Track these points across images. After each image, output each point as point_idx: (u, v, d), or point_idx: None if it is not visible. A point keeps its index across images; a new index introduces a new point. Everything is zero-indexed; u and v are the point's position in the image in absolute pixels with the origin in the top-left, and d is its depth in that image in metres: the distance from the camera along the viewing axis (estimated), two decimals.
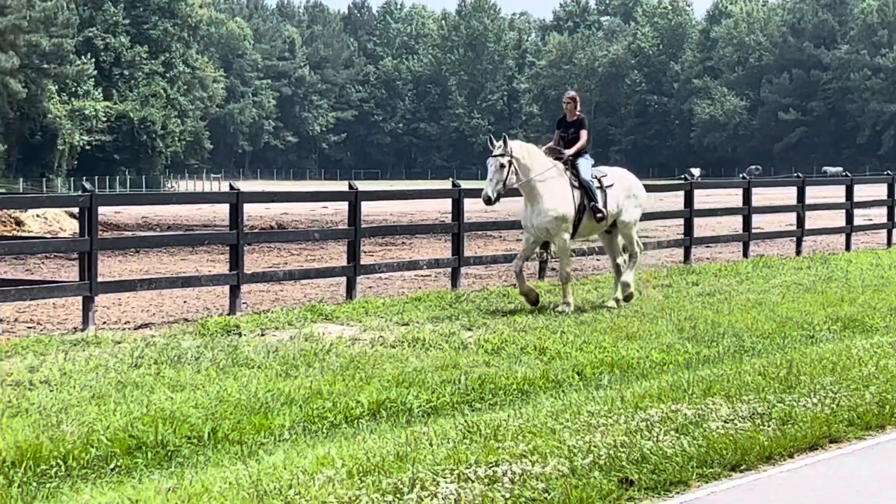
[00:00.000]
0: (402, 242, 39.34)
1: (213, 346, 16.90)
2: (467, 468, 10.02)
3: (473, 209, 29.45)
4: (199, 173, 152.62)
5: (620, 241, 22.75)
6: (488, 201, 20.76)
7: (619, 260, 22.65)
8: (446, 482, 9.63)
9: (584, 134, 22.05)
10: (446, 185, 28.95)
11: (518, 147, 21.34)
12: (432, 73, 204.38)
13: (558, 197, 21.16)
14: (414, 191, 35.31)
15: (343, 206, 27.80)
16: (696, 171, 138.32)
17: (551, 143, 22.57)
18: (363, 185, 26.32)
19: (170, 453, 11.39)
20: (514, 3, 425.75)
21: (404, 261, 29.35)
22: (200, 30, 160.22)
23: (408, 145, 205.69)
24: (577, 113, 22.43)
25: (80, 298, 20.50)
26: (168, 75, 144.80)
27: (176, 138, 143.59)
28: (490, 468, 10.04)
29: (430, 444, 10.87)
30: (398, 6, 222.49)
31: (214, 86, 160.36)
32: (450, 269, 26.42)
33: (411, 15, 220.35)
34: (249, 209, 24.85)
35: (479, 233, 37.66)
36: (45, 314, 22.56)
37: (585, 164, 21.83)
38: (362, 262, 24.66)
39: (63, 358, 15.78)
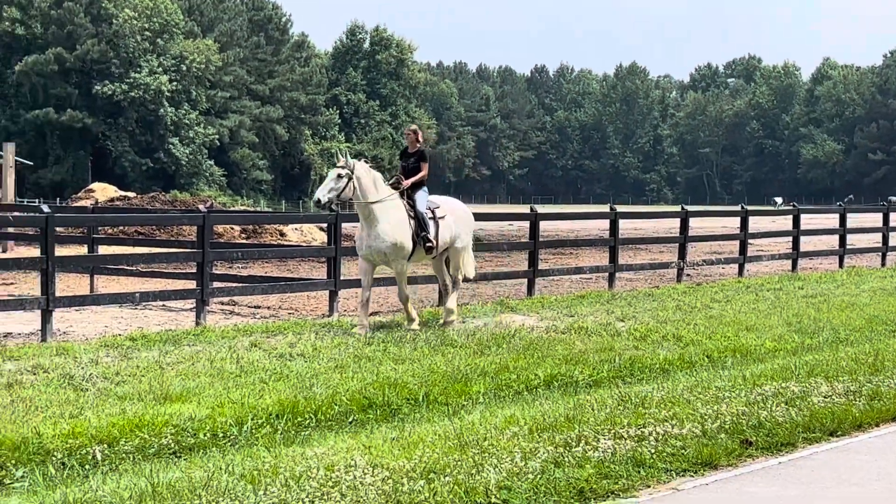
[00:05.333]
0: (570, 252, 39.19)
1: (425, 329, 17.03)
2: (621, 429, 9.93)
3: (626, 227, 29.24)
4: None
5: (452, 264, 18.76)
6: (318, 203, 17.10)
7: (448, 281, 18.79)
8: (605, 439, 9.55)
9: (423, 166, 18.02)
10: (605, 209, 28.77)
11: (360, 168, 17.28)
12: (594, 122, 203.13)
13: (394, 223, 17.25)
14: (580, 213, 34.95)
15: (525, 224, 27.72)
16: (778, 200, 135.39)
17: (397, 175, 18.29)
18: (541, 209, 26.23)
19: (393, 411, 11.46)
20: (659, 67, 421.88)
21: (572, 266, 29.21)
22: (419, 89, 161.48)
23: (575, 178, 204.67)
24: (418, 145, 18.34)
25: (327, 292, 20.83)
26: (394, 123, 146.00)
27: (398, 170, 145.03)
28: (639, 429, 9.94)
29: (592, 410, 10.79)
30: (569, 70, 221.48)
31: (428, 131, 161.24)
32: (607, 274, 26.27)
33: (579, 77, 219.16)
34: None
35: (630, 246, 37.36)
36: (301, 303, 22.96)
37: (422, 196, 17.90)
38: (539, 268, 24.64)
39: (314, 337, 16.03)
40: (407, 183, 17.79)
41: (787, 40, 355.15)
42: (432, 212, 17.93)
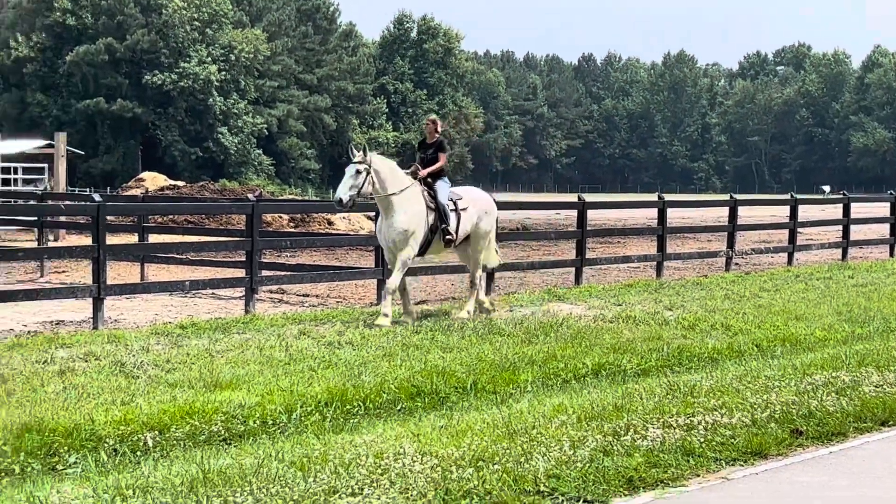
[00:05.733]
0: (618, 241, 39.05)
1: (473, 318, 17.02)
2: (670, 417, 9.89)
3: (673, 216, 29.07)
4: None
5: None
6: (339, 203, 16.68)
7: (478, 274, 18.47)
8: (653, 428, 9.51)
9: (441, 156, 17.77)
10: (653, 197, 28.65)
11: (378, 161, 17.01)
12: (642, 111, 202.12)
13: (411, 213, 16.94)
14: (627, 202, 34.92)
15: (573, 213, 27.65)
16: (826, 188, 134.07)
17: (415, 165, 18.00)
18: (588, 197, 26.15)
19: (441, 399, 11.46)
20: (707, 55, 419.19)
21: (619, 255, 29.10)
22: (466, 78, 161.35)
23: (622, 166, 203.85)
24: (437, 135, 18.06)
25: (375, 280, 20.86)
26: (441, 112, 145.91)
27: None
28: (688, 418, 9.89)
29: (640, 398, 10.75)
30: (617, 58, 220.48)
31: (475, 120, 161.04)
32: (655, 263, 26.17)
33: (627, 65, 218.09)
34: (502, 214, 24.88)
35: (678, 235, 37.17)
36: (350, 292, 23.01)
37: (443, 187, 17.60)
38: (587, 256, 24.58)
39: (363, 325, 16.08)
40: (424, 172, 17.50)
41: (836, 28, 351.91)
42: (454, 203, 17.68)
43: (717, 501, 7.98)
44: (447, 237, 17.35)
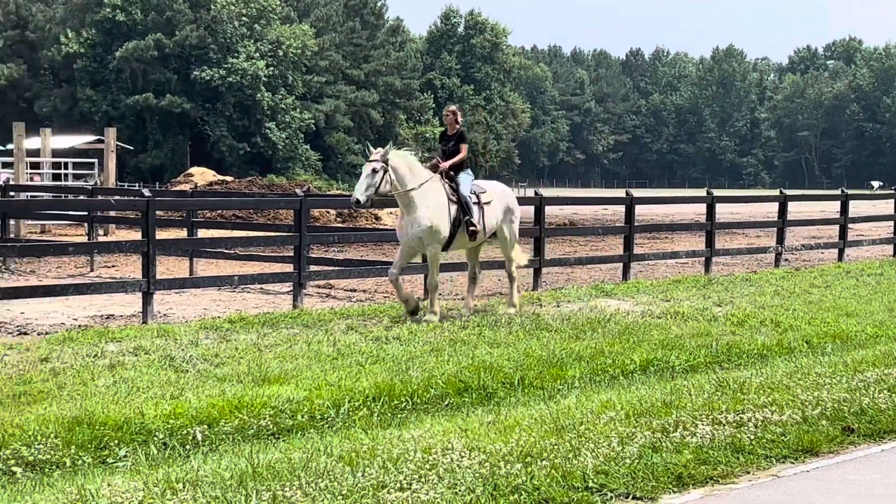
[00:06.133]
0: (665, 237, 38.85)
1: (520, 313, 16.99)
2: (719, 414, 9.82)
3: (722, 212, 28.91)
4: (510, 182, 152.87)
5: (506, 255, 18.20)
6: (356, 203, 16.30)
7: (476, 271, 18.07)
8: (703, 424, 9.45)
9: (463, 148, 17.23)
10: (701, 193, 28.48)
11: (395, 157, 16.50)
12: (690, 106, 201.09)
13: (433, 208, 16.59)
14: (675, 197, 34.69)
15: (620, 209, 27.57)
16: (875, 184, 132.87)
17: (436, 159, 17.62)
18: (636, 193, 26.03)
19: (489, 395, 11.44)
20: (757, 49, 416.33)
21: (667, 251, 28.93)
22: (513, 73, 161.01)
23: (670, 161, 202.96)
24: (457, 126, 17.51)
25: (422, 276, 20.85)
26: (488, 107, 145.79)
27: (493, 155, 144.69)
28: (738, 415, 9.82)
29: (689, 395, 10.69)
30: (665, 53, 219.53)
31: (522, 115, 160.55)
32: (703, 259, 26.02)
33: (675, 60, 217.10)
34: (549, 210, 24.81)
35: (727, 230, 36.96)
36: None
37: (466, 180, 17.16)
38: (635, 252, 24.47)
39: (409, 320, 16.09)
40: (445, 165, 17.10)
41: (889, 22, 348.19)
42: (477, 196, 17.23)
43: (767, 499, 7.92)
44: (471, 229, 16.91)
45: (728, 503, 7.85)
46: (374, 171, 16.19)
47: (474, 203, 17.07)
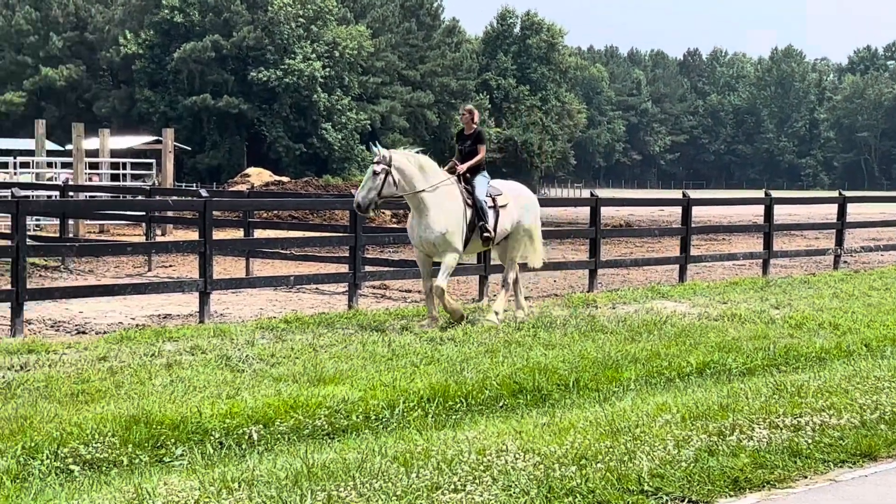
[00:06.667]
0: (723, 238, 38.63)
1: (576, 315, 16.94)
2: (776, 418, 9.75)
3: (780, 213, 28.68)
4: (565, 183, 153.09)
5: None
6: (358, 207, 15.86)
7: (511, 275, 17.35)
8: (760, 428, 9.38)
9: (480, 148, 16.61)
10: (759, 194, 28.26)
11: (398, 157, 15.73)
12: (749, 106, 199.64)
13: (447, 211, 15.92)
14: (733, 199, 34.46)
15: (676, 210, 27.41)
16: None
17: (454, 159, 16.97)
18: (693, 194, 25.88)
19: (543, 396, 11.42)
20: (816, 50, 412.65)
21: (724, 253, 28.74)
22: (569, 73, 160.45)
23: (728, 162, 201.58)
24: (474, 126, 16.95)
25: (477, 277, 20.90)
26: (544, 108, 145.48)
27: (548, 156, 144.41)
28: (795, 419, 9.74)
29: (746, 398, 10.62)
30: (723, 53, 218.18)
31: (578, 116, 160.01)
32: (761, 261, 25.83)
33: (733, 60, 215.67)
34: (605, 211, 24.73)
35: (785, 232, 36.67)
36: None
37: (482, 182, 16.55)
38: (691, 254, 24.34)
39: (464, 321, 16.09)
40: (462, 168, 16.56)
41: None
42: (493, 199, 16.61)
43: (824, 503, 7.86)
44: (485, 234, 16.36)
45: None
46: (376, 173, 15.66)
47: (490, 207, 16.54)
